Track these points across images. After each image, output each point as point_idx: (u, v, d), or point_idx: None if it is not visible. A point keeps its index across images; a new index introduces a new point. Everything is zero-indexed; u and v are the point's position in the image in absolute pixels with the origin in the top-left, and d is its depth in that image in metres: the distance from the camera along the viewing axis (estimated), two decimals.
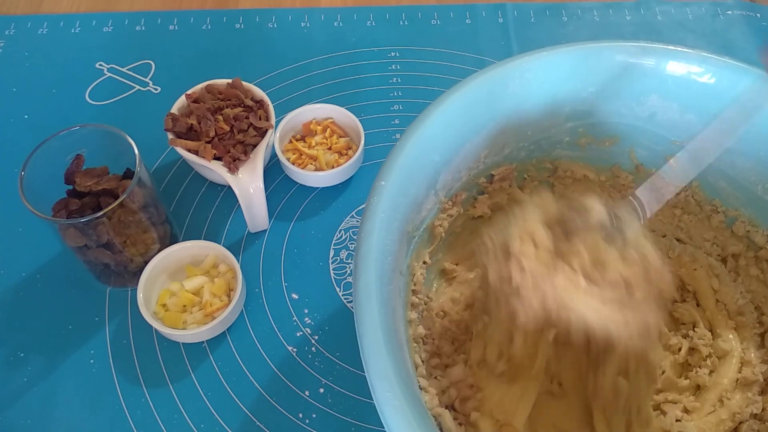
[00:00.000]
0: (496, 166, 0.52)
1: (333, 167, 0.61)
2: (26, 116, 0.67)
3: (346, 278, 0.57)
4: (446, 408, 0.43)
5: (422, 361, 0.44)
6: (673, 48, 0.49)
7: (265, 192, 0.58)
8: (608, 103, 0.51)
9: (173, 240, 0.57)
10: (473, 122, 0.48)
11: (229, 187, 0.57)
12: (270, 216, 0.60)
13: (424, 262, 0.49)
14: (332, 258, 0.59)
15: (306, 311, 0.55)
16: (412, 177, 0.43)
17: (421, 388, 0.42)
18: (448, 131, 0.46)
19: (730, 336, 0.49)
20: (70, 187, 0.52)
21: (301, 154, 0.62)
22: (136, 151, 0.50)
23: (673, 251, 0.53)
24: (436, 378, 0.45)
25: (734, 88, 0.48)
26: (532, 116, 0.51)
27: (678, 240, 0.55)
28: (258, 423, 0.50)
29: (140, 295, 0.51)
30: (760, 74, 0.47)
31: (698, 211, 0.54)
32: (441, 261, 0.52)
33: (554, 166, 0.54)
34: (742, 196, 0.51)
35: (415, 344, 0.45)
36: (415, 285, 0.47)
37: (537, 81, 0.49)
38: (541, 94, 0.49)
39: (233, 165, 0.56)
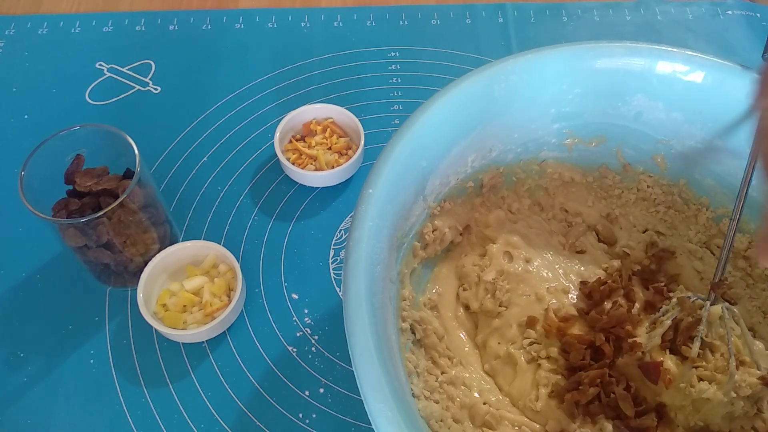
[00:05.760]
0: (484, 169, 0.52)
1: (333, 167, 0.61)
2: (26, 116, 0.67)
3: None
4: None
5: (415, 368, 0.44)
6: (658, 47, 0.49)
7: (265, 192, 0.59)
8: (594, 103, 0.51)
9: (173, 240, 0.57)
10: (460, 127, 0.48)
11: (229, 186, 0.59)
12: (270, 216, 0.60)
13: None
14: (332, 258, 0.59)
15: (306, 311, 0.55)
16: (399, 184, 0.44)
17: (414, 396, 0.42)
18: (435, 137, 0.46)
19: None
20: (70, 187, 0.52)
21: (301, 154, 0.62)
22: (136, 151, 0.50)
23: (656, 246, 0.54)
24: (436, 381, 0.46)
25: (720, 86, 0.48)
26: (519, 119, 0.51)
27: (658, 233, 0.55)
28: (258, 423, 0.50)
29: (140, 295, 0.51)
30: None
31: (685, 209, 0.54)
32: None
33: (542, 168, 0.54)
34: (730, 193, 0.51)
35: (410, 353, 0.45)
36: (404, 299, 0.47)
37: (522, 83, 0.49)
38: (526, 96, 0.50)
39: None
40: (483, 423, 0.45)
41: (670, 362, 0.44)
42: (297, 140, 0.63)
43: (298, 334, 0.54)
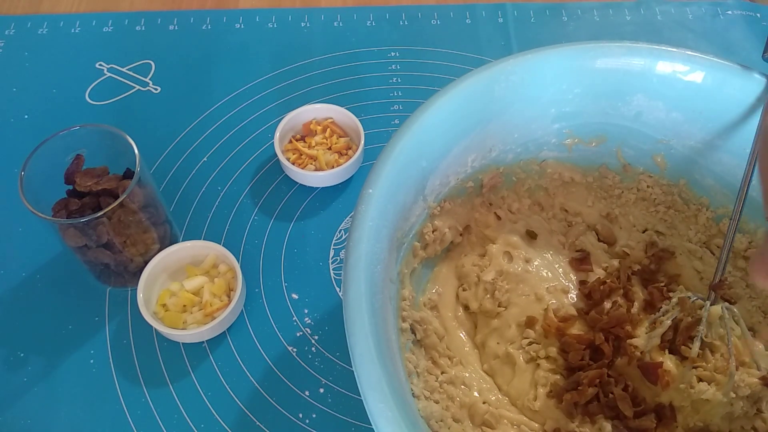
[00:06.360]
0: (484, 169, 0.52)
1: (333, 167, 0.61)
2: (26, 116, 0.67)
3: None
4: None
5: (415, 368, 0.44)
6: (658, 47, 0.49)
7: (265, 192, 0.59)
8: (594, 103, 0.51)
9: (173, 240, 0.57)
10: (460, 126, 0.48)
11: (229, 186, 0.59)
12: (270, 216, 0.60)
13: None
14: (332, 258, 0.59)
15: (306, 311, 0.55)
16: (400, 184, 0.44)
17: (414, 396, 0.42)
18: (435, 136, 0.46)
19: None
20: (70, 187, 0.52)
21: (301, 154, 0.62)
22: (136, 151, 0.50)
23: (655, 246, 0.54)
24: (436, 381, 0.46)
25: (720, 86, 0.48)
26: (519, 119, 0.51)
27: (658, 232, 0.55)
28: (258, 423, 0.50)
29: (140, 295, 0.51)
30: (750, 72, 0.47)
31: (685, 209, 0.54)
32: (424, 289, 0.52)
33: (542, 167, 0.55)
34: (730, 193, 0.51)
35: (410, 353, 0.45)
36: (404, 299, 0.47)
37: (522, 83, 0.49)
38: (526, 96, 0.50)
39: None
40: (482, 422, 0.45)
41: (669, 363, 0.44)
42: (297, 140, 0.63)
43: (298, 334, 0.54)
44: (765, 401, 0.43)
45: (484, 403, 0.46)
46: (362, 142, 0.61)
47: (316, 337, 0.54)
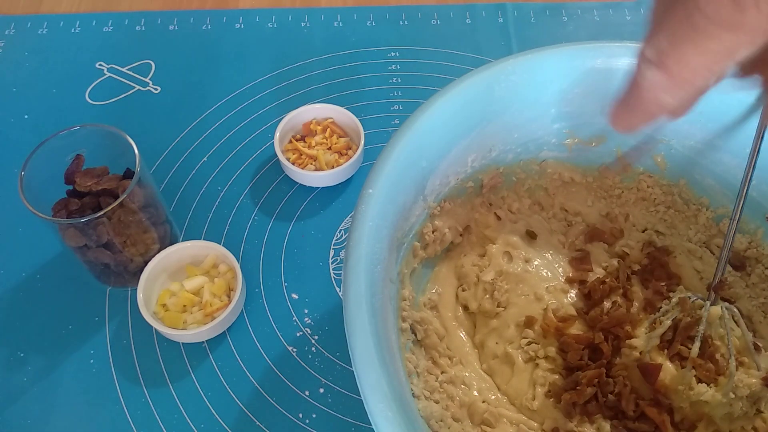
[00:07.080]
0: (484, 169, 0.52)
1: (333, 167, 0.61)
2: (26, 116, 0.67)
3: None
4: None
5: (415, 368, 0.44)
6: None
7: (265, 192, 0.59)
8: (594, 103, 0.51)
9: (173, 240, 0.57)
10: (460, 127, 0.48)
11: (229, 186, 0.59)
12: (270, 216, 0.60)
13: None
14: (332, 258, 0.59)
15: (306, 311, 0.55)
16: (400, 184, 0.44)
17: (414, 396, 0.42)
18: (435, 137, 0.46)
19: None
20: (70, 187, 0.52)
21: (301, 154, 0.62)
22: (136, 151, 0.50)
23: (652, 245, 0.54)
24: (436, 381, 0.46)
25: (720, 86, 0.48)
26: (519, 119, 0.51)
27: (658, 232, 0.55)
28: (258, 423, 0.50)
29: (140, 295, 0.51)
30: None
31: (685, 209, 0.54)
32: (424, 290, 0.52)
33: (542, 168, 0.55)
34: (731, 194, 0.51)
35: (410, 353, 0.45)
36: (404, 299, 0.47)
37: (522, 83, 0.49)
38: (526, 96, 0.50)
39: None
40: (482, 421, 0.45)
41: (668, 363, 0.44)
42: (297, 140, 0.63)
43: (298, 334, 0.54)
44: (765, 401, 0.43)
45: (483, 402, 0.46)
46: (362, 142, 0.61)
47: (316, 337, 0.54)
